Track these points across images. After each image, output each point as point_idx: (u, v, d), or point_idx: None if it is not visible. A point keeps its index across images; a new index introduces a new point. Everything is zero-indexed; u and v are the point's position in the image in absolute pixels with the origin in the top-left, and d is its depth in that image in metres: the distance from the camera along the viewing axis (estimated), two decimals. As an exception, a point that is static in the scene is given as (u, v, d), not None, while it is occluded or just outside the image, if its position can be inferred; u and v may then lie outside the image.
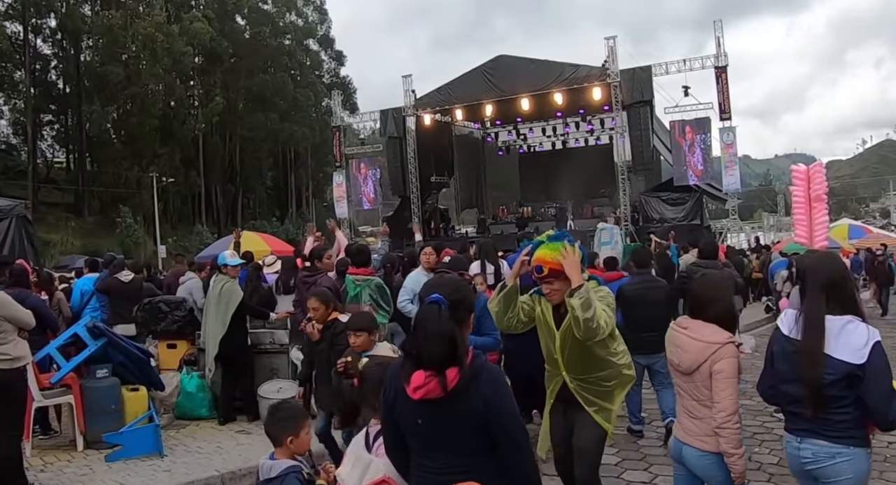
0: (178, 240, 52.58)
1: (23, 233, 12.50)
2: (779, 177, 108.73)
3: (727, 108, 23.50)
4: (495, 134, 33.21)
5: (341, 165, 31.43)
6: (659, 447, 6.67)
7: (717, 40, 23.65)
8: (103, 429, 6.69)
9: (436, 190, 31.04)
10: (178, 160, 56.77)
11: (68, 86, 56.24)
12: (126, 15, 52.61)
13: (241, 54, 61.05)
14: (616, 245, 17.70)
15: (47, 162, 59.31)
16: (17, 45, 51.79)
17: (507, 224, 28.34)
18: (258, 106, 60.67)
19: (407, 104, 27.94)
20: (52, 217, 48.70)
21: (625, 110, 24.30)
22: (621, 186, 24.81)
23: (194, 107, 60.07)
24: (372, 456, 3.00)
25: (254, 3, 64.34)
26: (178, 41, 52.59)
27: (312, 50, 71.30)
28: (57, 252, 40.44)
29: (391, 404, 2.60)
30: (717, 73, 23.49)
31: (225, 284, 7.79)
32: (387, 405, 2.64)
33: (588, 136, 30.97)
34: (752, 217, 69.93)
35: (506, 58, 26.32)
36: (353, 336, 4.57)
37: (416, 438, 2.58)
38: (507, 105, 26.31)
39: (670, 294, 7.09)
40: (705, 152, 23.84)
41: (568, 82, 24.61)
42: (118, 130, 55.73)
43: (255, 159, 64.05)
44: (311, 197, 70.84)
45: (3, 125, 56.71)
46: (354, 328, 4.59)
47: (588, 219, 26.31)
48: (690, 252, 13.02)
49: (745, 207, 46.29)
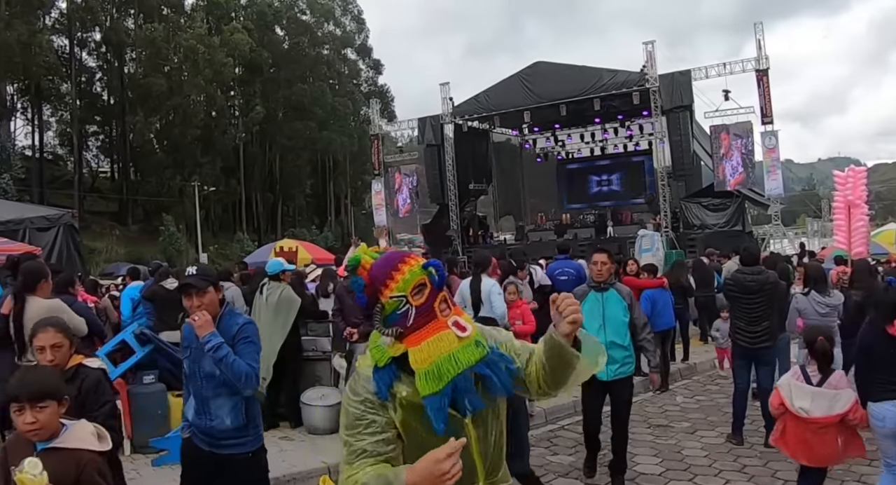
0: (220, 248, 53.32)
1: (69, 241, 12.77)
2: (822, 181, 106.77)
3: (769, 111, 23.15)
4: (533, 141, 33.11)
5: (379, 173, 31.57)
6: (704, 457, 6.58)
7: (758, 43, 23.30)
8: (150, 434, 6.78)
9: (474, 197, 31.01)
10: (220, 169, 57.56)
11: (113, 97, 57.45)
12: (168, 27, 53.64)
13: (281, 64, 61.74)
14: (657, 252, 17.53)
15: (92, 172, 60.63)
16: (63, 58, 53.10)
17: (545, 231, 28.23)
18: (297, 115, 61.23)
19: (445, 112, 27.98)
20: (97, 225, 49.68)
21: (664, 115, 24.07)
22: (661, 191, 24.55)
23: (235, 116, 60.87)
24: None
25: (292, 14, 65.10)
26: (219, 52, 53.42)
27: (350, 59, 71.87)
28: (102, 259, 41.19)
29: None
30: (759, 76, 23.15)
31: (283, 292, 7.89)
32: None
33: (627, 141, 30.72)
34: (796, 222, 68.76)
35: (543, 64, 26.25)
36: None
37: None
38: (545, 111, 26.22)
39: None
40: (747, 157, 23.50)
41: (606, 88, 24.44)
42: (161, 140, 56.72)
43: (294, 168, 64.72)
44: (349, 205, 71.31)
45: (50, 136, 58.23)
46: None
47: (627, 225, 26.12)
48: (732, 259, 12.85)
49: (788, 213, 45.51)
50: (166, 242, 48.91)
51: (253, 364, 3.83)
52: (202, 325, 3.79)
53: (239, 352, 3.82)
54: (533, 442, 7.28)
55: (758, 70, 23.19)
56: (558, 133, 31.32)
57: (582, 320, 1.98)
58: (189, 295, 3.91)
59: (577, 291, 5.77)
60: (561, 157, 33.91)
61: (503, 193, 32.92)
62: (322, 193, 70.50)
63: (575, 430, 7.40)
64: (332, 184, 69.97)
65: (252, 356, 3.86)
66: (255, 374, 3.81)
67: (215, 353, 3.73)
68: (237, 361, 3.75)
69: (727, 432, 7.08)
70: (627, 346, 5.71)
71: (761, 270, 6.97)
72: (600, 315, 5.65)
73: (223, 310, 3.98)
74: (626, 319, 5.69)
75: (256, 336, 4.01)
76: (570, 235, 26.24)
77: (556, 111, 25.81)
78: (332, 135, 62.23)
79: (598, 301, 5.69)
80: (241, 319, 4.02)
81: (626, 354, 5.71)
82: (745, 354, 6.91)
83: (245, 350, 3.85)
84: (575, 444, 7.04)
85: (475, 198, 31.37)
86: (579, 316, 1.96)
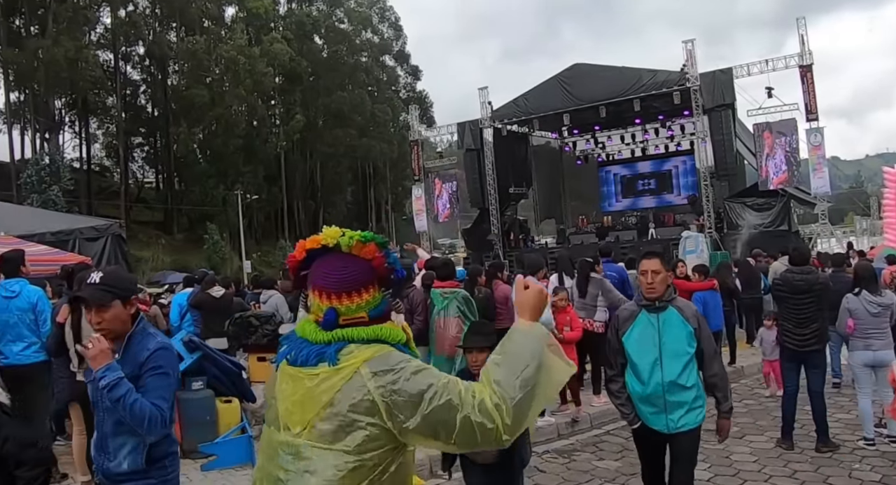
0: (263, 255, 54.01)
1: (117, 250, 13.03)
2: (870, 178, 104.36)
3: (814, 108, 22.72)
4: (573, 143, 32.91)
5: (420, 179, 31.70)
6: (753, 463, 6.47)
7: (801, 38, 22.89)
8: (198, 439, 6.89)
9: (514, 201, 30.93)
10: (262, 177, 58.33)
11: (156, 109, 58.71)
12: (209, 40, 54.63)
13: (320, 73, 62.39)
14: (702, 253, 17.31)
15: (138, 182, 61.96)
16: (108, 72, 54.41)
17: (587, 234, 28.04)
18: (337, 123, 61.79)
19: (484, 116, 27.97)
20: (143, 235, 50.64)
21: (706, 115, 23.78)
22: (704, 192, 24.24)
23: (276, 125, 61.66)
24: None
25: (331, 22, 65.79)
26: (259, 63, 54.22)
27: (389, 66, 72.40)
28: (148, 268, 41.96)
29: None
30: (802, 72, 22.73)
31: None
32: None
33: (668, 142, 30.38)
34: (843, 221, 67.26)
35: (581, 66, 26.12)
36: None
37: None
38: (585, 113, 26.05)
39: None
40: (791, 155, 23.10)
41: (646, 88, 24.22)
42: (204, 150, 57.70)
43: (335, 175, 65.31)
44: (390, 211, 71.73)
45: (97, 149, 59.79)
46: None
47: (671, 227, 25.79)
48: (780, 260, 12.63)
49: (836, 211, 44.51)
50: (210, 251, 49.62)
51: (160, 404, 3.04)
52: (95, 356, 2.99)
53: (145, 386, 3.05)
54: (578, 447, 7.26)
55: (801, 66, 22.78)
56: (598, 135, 31.09)
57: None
58: (88, 309, 3.20)
59: (623, 313, 4.43)
60: (601, 158, 33.64)
61: (543, 197, 32.77)
62: (363, 199, 71.03)
63: (621, 434, 7.34)
64: (372, 190, 70.46)
65: (161, 393, 3.08)
66: (161, 416, 3.04)
67: (110, 392, 2.95)
68: (138, 401, 2.97)
69: (777, 437, 6.94)
70: (695, 385, 4.20)
71: (811, 269, 6.85)
72: (655, 346, 4.20)
73: (135, 328, 3.19)
74: (692, 349, 4.17)
75: (172, 365, 3.22)
76: (612, 237, 26.02)
77: (595, 113, 25.62)
78: (371, 141, 62.68)
79: (653, 326, 4.22)
80: (154, 343, 3.18)
81: (694, 396, 4.19)
82: (794, 357, 6.78)
83: (153, 384, 3.07)
84: (621, 449, 6.99)
85: (515, 202, 31.28)
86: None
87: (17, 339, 6.23)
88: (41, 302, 6.46)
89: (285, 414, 2.00)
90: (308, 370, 1.97)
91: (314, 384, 1.94)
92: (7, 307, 6.22)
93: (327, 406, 1.91)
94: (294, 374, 2.00)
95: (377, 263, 2.04)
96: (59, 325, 5.86)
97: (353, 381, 1.90)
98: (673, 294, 4.31)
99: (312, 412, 1.92)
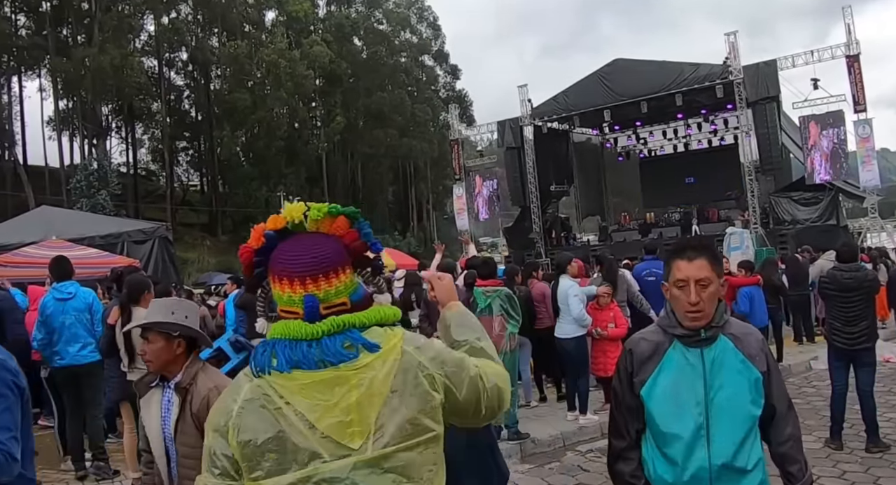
0: (306, 256, 54.40)
1: (164, 252, 13.36)
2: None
3: (861, 99, 22.21)
4: (614, 139, 32.66)
5: (460, 178, 31.72)
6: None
7: (847, 27, 22.39)
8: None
9: (556, 199, 30.82)
10: (304, 179, 58.80)
11: (200, 113, 59.58)
12: (251, 44, 55.27)
13: (360, 74, 62.71)
14: (747, 250, 17.08)
15: (183, 185, 62.93)
16: (153, 78, 55.36)
17: (629, 231, 27.82)
18: (377, 123, 62.04)
19: (524, 114, 27.91)
20: (189, 237, 51.47)
21: (749, 108, 23.42)
22: (749, 187, 23.87)
23: (317, 127, 62.13)
24: None
25: (370, 24, 66.06)
26: (300, 65, 54.72)
27: (428, 66, 72.42)
28: (194, 270, 42.65)
29: None
30: (849, 62, 22.25)
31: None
32: None
33: (711, 136, 30.00)
34: (894, 215, 65.56)
35: (622, 61, 25.91)
36: None
37: None
38: (626, 109, 25.84)
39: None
40: (839, 147, 22.62)
41: (688, 82, 23.93)
42: (247, 153, 58.42)
43: (376, 175, 65.64)
44: (431, 210, 71.85)
45: (143, 153, 60.92)
46: None
47: (714, 223, 25.42)
48: (823, 256, 12.35)
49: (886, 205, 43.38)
50: (255, 252, 49.99)
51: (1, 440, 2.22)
52: None
53: None
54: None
55: (848, 56, 22.30)
56: (640, 131, 30.83)
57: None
58: None
59: (640, 348, 2.50)
60: (643, 154, 33.33)
61: (585, 194, 32.60)
62: (404, 199, 71.24)
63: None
64: (413, 190, 70.61)
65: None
66: (4, 456, 2.21)
67: None
68: None
69: (825, 437, 6.80)
70: (757, 466, 2.39)
71: (860, 266, 6.71)
72: (699, 403, 2.39)
73: None
74: (758, 409, 2.40)
75: (8, 385, 2.33)
76: (655, 234, 25.78)
77: (636, 108, 25.39)
78: (412, 141, 62.82)
79: (694, 369, 2.41)
80: None
81: (758, 481, 2.40)
82: (843, 355, 6.62)
83: None
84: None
85: (557, 199, 31.17)
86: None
87: (73, 340, 6.42)
88: (96, 302, 6.67)
89: (337, 432, 1.60)
90: (349, 365, 1.63)
91: (369, 377, 1.63)
92: (63, 309, 6.41)
93: (388, 397, 1.63)
94: (326, 378, 1.62)
95: (349, 238, 1.75)
96: (111, 326, 6.01)
97: (406, 360, 1.67)
98: (725, 316, 2.47)
99: (375, 410, 1.61)
